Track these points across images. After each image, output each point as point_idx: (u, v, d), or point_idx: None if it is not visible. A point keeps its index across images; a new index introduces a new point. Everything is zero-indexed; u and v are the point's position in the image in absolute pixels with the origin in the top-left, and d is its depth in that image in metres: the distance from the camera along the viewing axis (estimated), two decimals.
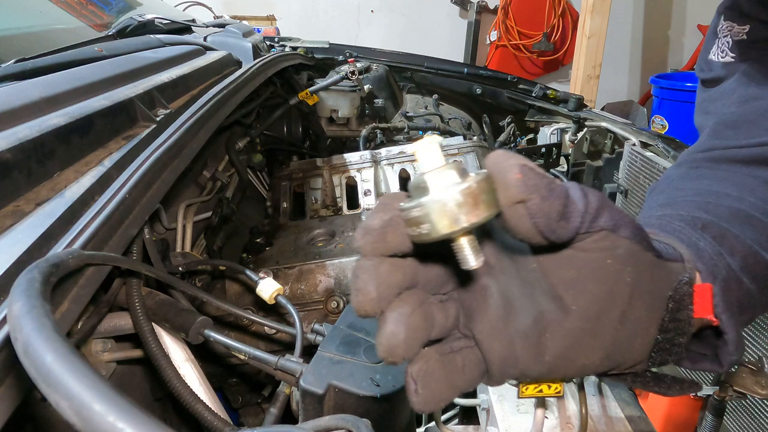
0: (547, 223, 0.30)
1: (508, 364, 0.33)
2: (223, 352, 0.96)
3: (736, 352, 0.37)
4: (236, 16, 3.67)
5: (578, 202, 0.31)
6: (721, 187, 0.47)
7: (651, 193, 0.55)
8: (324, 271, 1.05)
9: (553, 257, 0.34)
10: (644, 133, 1.49)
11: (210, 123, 0.94)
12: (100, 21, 1.44)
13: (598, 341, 0.34)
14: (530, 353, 0.33)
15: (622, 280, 0.33)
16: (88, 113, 0.69)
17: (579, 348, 0.33)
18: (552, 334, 0.33)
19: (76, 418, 0.23)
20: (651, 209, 0.49)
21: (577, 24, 4.12)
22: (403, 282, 0.32)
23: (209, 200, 1.23)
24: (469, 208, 0.28)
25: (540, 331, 0.33)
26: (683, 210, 0.44)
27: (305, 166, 1.56)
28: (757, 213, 0.43)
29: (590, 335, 0.33)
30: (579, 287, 0.33)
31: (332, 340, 0.58)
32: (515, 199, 0.29)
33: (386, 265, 0.31)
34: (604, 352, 0.34)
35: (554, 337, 0.33)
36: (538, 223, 0.30)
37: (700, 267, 0.38)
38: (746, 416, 1.07)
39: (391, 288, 0.31)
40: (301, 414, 0.54)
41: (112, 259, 0.53)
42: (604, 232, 0.32)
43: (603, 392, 0.83)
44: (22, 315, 0.28)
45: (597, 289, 0.33)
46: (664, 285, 0.35)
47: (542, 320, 0.33)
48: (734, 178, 0.48)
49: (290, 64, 1.77)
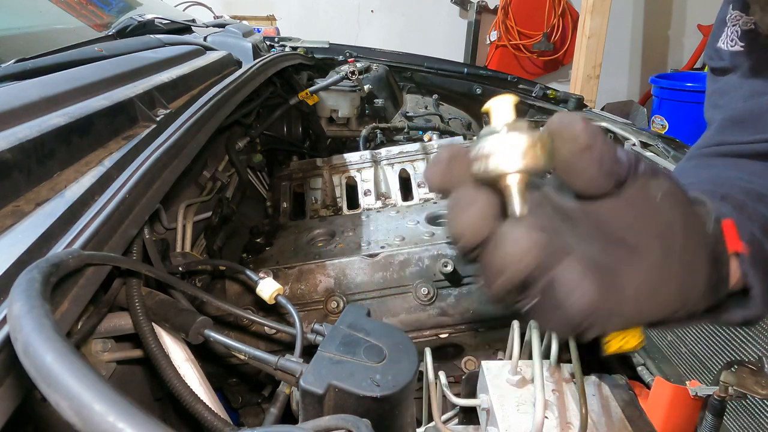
0: (610, 165, 0.33)
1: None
2: (223, 352, 0.96)
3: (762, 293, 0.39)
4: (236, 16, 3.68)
5: (620, 151, 0.34)
6: (732, 173, 0.49)
7: None
8: (324, 271, 1.05)
9: (604, 206, 0.35)
10: (644, 133, 1.49)
11: (210, 123, 0.94)
12: (100, 21, 1.44)
13: (671, 272, 0.35)
14: (613, 295, 0.33)
15: (675, 213, 0.35)
16: (88, 113, 0.69)
17: (655, 283, 0.34)
18: (628, 273, 0.33)
19: (76, 418, 0.23)
20: None
21: (577, 24, 4.12)
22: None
23: (209, 200, 1.23)
24: (532, 154, 0.31)
25: (616, 273, 0.33)
26: (700, 188, 0.45)
27: (305, 166, 1.56)
28: None
29: (662, 268, 0.34)
30: (638, 227, 0.35)
31: (332, 340, 0.58)
32: (583, 146, 0.32)
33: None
34: (677, 285, 0.35)
35: (630, 276, 0.33)
36: (603, 165, 0.33)
37: (726, 213, 0.40)
38: (746, 416, 1.07)
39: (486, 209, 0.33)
40: (301, 414, 0.54)
41: (112, 259, 0.53)
42: (647, 175, 0.35)
43: (603, 392, 0.83)
44: (22, 315, 0.28)
45: (656, 225, 0.35)
46: (702, 222, 0.38)
47: (614, 263, 0.33)
48: (742, 166, 0.50)
49: (290, 64, 1.77)
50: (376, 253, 1.06)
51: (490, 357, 1.08)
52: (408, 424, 0.57)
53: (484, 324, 1.05)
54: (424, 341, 1.04)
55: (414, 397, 0.63)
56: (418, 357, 0.57)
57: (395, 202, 1.42)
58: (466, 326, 1.05)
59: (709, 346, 1.20)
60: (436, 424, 0.82)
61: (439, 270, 1.02)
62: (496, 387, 0.80)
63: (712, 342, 1.18)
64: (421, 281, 1.03)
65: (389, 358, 0.55)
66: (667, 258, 0.34)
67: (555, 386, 0.81)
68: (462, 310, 1.03)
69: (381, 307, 1.03)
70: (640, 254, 0.34)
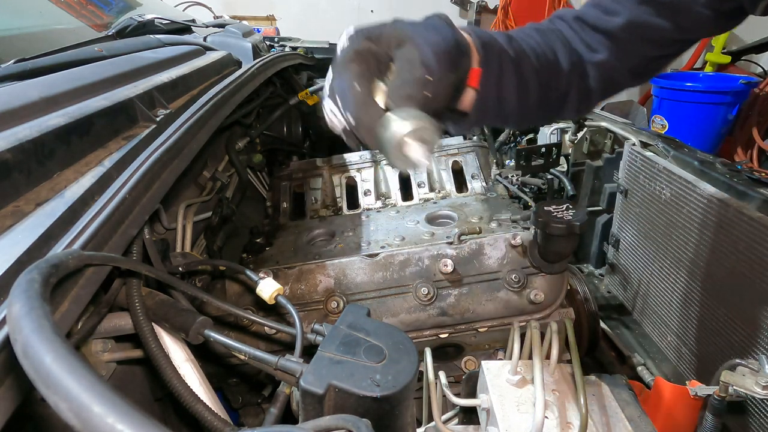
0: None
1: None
2: (223, 352, 0.96)
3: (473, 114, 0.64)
4: (236, 16, 3.68)
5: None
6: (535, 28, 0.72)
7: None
8: (324, 271, 1.05)
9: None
10: (644, 133, 1.49)
11: (210, 123, 0.94)
12: (100, 21, 1.44)
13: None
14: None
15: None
16: (88, 113, 0.69)
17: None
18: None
19: (76, 419, 0.23)
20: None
21: None
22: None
23: (209, 200, 1.23)
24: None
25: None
26: (513, 33, 0.68)
27: (305, 166, 1.56)
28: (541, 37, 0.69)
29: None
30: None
31: (332, 340, 0.58)
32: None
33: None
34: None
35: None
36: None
37: (480, 53, 0.60)
38: (746, 416, 1.07)
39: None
40: (301, 414, 0.54)
41: (112, 260, 0.53)
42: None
43: (603, 392, 0.83)
44: (22, 316, 0.28)
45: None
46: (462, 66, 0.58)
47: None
48: (549, 30, 0.71)
49: (290, 64, 1.77)
50: (376, 253, 1.06)
51: (490, 357, 1.08)
52: (408, 424, 0.56)
53: (484, 324, 1.05)
54: (424, 341, 1.04)
55: (414, 397, 0.63)
56: (418, 357, 0.57)
57: (395, 202, 1.42)
58: (466, 326, 1.05)
59: (709, 346, 1.20)
60: (436, 424, 0.82)
61: (439, 270, 1.02)
62: (496, 387, 0.80)
63: (712, 342, 1.18)
64: (421, 281, 1.03)
65: (389, 358, 0.55)
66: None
67: (555, 386, 0.81)
68: (462, 310, 1.03)
69: (381, 307, 1.03)
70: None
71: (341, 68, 0.54)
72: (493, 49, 0.62)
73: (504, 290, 1.04)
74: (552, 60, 0.68)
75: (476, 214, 1.23)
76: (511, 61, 0.63)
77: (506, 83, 0.64)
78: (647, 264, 1.44)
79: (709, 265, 1.18)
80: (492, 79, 0.62)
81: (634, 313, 1.55)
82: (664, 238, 1.34)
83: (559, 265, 1.01)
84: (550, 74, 0.67)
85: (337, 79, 0.54)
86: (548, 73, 0.67)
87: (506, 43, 0.64)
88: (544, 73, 0.67)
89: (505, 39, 0.65)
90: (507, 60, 0.63)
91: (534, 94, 0.67)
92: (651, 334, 1.46)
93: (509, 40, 0.65)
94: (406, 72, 0.53)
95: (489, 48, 0.62)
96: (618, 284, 1.63)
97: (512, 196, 1.46)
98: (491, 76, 0.62)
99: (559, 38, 0.70)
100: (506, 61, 0.63)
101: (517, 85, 0.64)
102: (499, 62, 0.63)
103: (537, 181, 1.64)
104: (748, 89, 3.48)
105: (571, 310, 1.08)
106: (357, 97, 0.52)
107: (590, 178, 1.73)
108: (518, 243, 1.06)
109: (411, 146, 0.51)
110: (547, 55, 0.67)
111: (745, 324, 1.08)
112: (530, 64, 0.65)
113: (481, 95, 0.62)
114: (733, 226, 1.09)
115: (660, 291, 1.39)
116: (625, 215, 1.55)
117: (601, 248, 1.72)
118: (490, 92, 0.63)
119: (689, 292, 1.26)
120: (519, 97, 0.65)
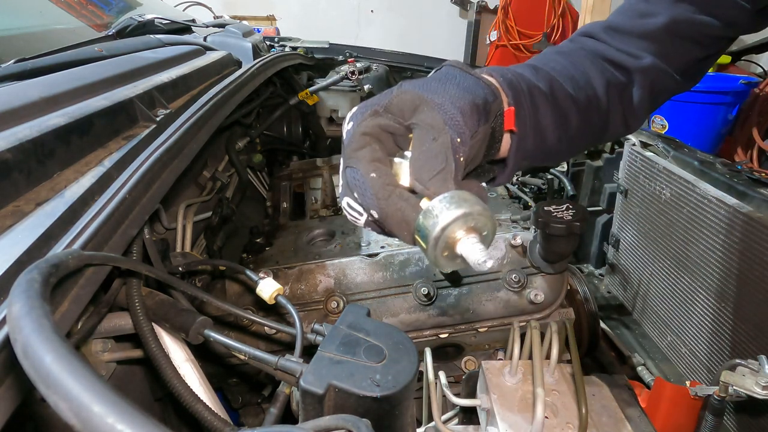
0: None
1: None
2: (223, 352, 0.96)
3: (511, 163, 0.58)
4: (236, 16, 3.68)
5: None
6: (559, 52, 0.67)
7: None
8: (324, 271, 1.05)
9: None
10: (644, 133, 1.49)
11: (210, 123, 0.94)
12: (100, 21, 1.44)
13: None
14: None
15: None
16: (88, 113, 0.69)
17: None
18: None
19: (76, 419, 0.23)
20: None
21: (577, 24, 4.12)
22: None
23: (209, 200, 1.23)
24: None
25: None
26: (536, 61, 0.64)
27: (305, 166, 1.56)
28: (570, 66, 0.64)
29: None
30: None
31: (332, 340, 0.58)
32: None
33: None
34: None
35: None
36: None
37: (508, 94, 0.54)
38: (746, 416, 1.07)
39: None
40: (301, 414, 0.54)
41: (112, 260, 0.53)
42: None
43: (603, 392, 0.83)
44: (22, 316, 0.28)
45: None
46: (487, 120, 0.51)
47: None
48: (573, 50, 0.67)
49: (290, 64, 1.77)
50: (376, 253, 1.06)
51: (490, 357, 1.08)
52: (408, 424, 0.56)
53: (484, 324, 1.05)
54: (424, 341, 1.04)
55: (414, 397, 0.63)
56: (418, 357, 0.57)
57: None
58: (466, 326, 1.05)
59: (709, 346, 1.20)
60: (436, 424, 0.82)
61: (439, 270, 1.02)
62: (496, 387, 0.80)
63: (712, 342, 1.18)
64: (421, 281, 1.03)
65: (389, 358, 0.55)
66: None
67: (555, 386, 0.81)
68: (462, 310, 1.03)
69: (381, 307, 1.03)
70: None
71: (350, 157, 0.45)
72: (520, 85, 0.56)
73: (504, 290, 1.04)
74: (585, 81, 0.63)
75: None
76: (543, 93, 0.58)
77: (542, 117, 0.58)
78: (647, 264, 1.44)
79: (709, 265, 1.18)
80: (527, 117, 0.56)
81: (634, 313, 1.55)
82: (664, 238, 1.34)
83: (559, 265, 1.01)
84: (588, 98, 0.62)
85: (349, 170, 0.45)
86: (585, 98, 0.62)
87: (533, 76, 0.59)
88: (581, 98, 0.61)
89: (531, 71, 0.60)
90: (538, 93, 0.58)
91: (574, 121, 0.61)
92: (651, 334, 1.46)
93: (535, 71, 0.60)
94: (429, 141, 0.44)
95: (516, 85, 0.56)
96: (618, 284, 1.63)
97: (512, 196, 1.46)
98: (525, 114, 0.56)
99: (587, 56, 0.65)
100: (537, 94, 0.58)
101: (553, 117, 0.59)
102: (531, 97, 0.57)
103: (537, 181, 1.64)
104: (748, 89, 3.48)
105: (571, 310, 1.08)
106: (376, 189, 0.43)
107: (590, 178, 1.73)
108: (518, 243, 1.06)
109: (463, 243, 0.39)
110: (578, 77, 0.62)
111: (745, 324, 1.08)
112: (564, 91, 0.60)
113: (519, 136, 0.56)
114: (733, 226, 1.09)
115: (660, 291, 1.39)
116: (625, 215, 1.55)
117: (601, 248, 1.73)
118: (527, 131, 0.56)
119: (689, 292, 1.26)
120: (558, 128, 0.60)
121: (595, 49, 0.66)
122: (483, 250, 0.39)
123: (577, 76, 0.62)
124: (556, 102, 0.59)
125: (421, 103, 0.46)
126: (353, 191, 0.45)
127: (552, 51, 0.67)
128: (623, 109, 0.66)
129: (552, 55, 0.65)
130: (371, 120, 0.46)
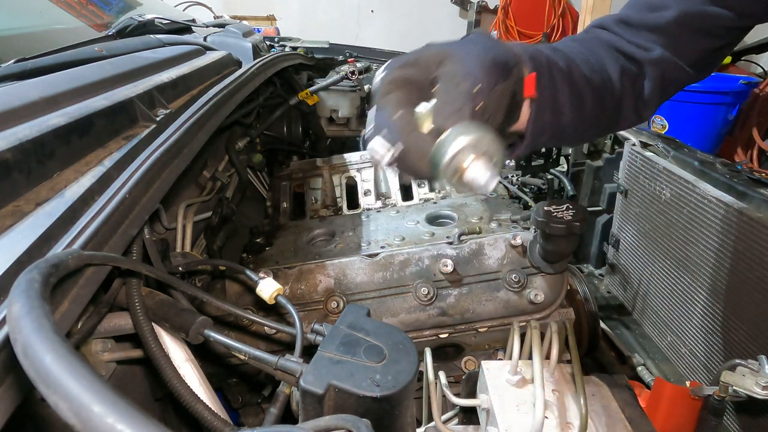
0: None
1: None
2: (223, 352, 0.96)
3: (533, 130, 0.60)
4: (236, 16, 3.68)
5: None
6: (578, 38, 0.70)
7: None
8: (324, 271, 1.05)
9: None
10: (644, 133, 1.49)
11: (210, 123, 0.94)
12: (100, 21, 1.44)
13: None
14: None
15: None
16: (88, 113, 0.69)
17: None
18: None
19: (75, 419, 0.23)
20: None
21: (577, 24, 4.12)
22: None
23: (209, 200, 1.23)
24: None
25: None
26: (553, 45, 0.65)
27: (305, 166, 1.55)
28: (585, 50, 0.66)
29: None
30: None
31: (332, 340, 0.58)
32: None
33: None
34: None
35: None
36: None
37: (529, 64, 0.57)
38: (746, 416, 1.07)
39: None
40: (301, 414, 0.54)
41: (112, 259, 0.53)
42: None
43: (603, 392, 0.83)
44: (22, 316, 0.28)
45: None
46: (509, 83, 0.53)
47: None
48: (588, 39, 0.70)
49: (290, 64, 1.77)
50: (376, 253, 1.06)
51: (490, 357, 1.08)
52: (408, 424, 0.56)
53: (484, 324, 1.05)
54: (424, 341, 1.04)
55: (414, 397, 0.63)
56: (418, 357, 0.57)
57: (395, 202, 1.42)
58: (466, 326, 1.05)
59: (709, 346, 1.20)
60: (436, 424, 0.82)
61: (439, 270, 1.02)
62: (496, 387, 0.80)
63: (712, 342, 1.18)
64: (421, 281, 1.03)
65: (389, 358, 0.55)
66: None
67: (555, 386, 0.81)
68: (462, 310, 1.03)
69: (381, 307, 1.03)
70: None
71: (379, 101, 0.51)
72: (541, 58, 0.58)
73: (504, 290, 1.04)
74: (600, 67, 0.64)
75: (476, 214, 1.23)
76: (561, 70, 0.60)
77: (560, 94, 0.60)
78: (647, 264, 1.44)
79: (709, 265, 1.18)
80: (545, 89, 0.58)
81: (634, 313, 1.55)
82: (664, 238, 1.34)
83: (559, 265, 1.01)
84: (603, 81, 0.64)
85: (378, 113, 0.51)
86: (600, 81, 0.64)
87: (552, 54, 0.61)
88: (595, 80, 0.63)
89: (550, 50, 0.62)
90: (557, 70, 0.60)
91: (589, 103, 0.63)
92: (651, 334, 1.46)
93: (554, 51, 0.62)
94: (450, 88, 0.49)
95: (537, 57, 0.58)
96: (618, 284, 1.63)
97: (512, 196, 1.46)
98: (544, 87, 0.58)
99: (601, 45, 0.67)
100: (556, 70, 0.60)
101: (570, 95, 0.61)
102: (550, 72, 0.59)
103: (537, 181, 1.64)
104: (749, 89, 3.48)
105: (571, 310, 1.08)
106: (402, 124, 0.49)
107: (590, 178, 1.73)
108: (518, 243, 1.05)
109: (473, 164, 0.43)
110: (594, 62, 0.64)
111: (745, 324, 1.08)
112: (580, 73, 0.62)
113: (538, 105, 0.58)
114: (733, 226, 1.09)
115: (660, 291, 1.39)
116: (625, 215, 1.55)
117: (601, 248, 1.73)
118: (545, 105, 0.59)
119: (689, 292, 1.26)
120: (574, 108, 0.62)
121: (608, 39, 0.68)
122: (489, 173, 0.43)
123: (593, 61, 0.64)
124: (572, 80, 0.61)
125: (446, 58, 0.51)
126: (381, 129, 0.50)
127: (568, 39, 0.70)
128: (635, 96, 0.68)
129: (568, 42, 0.68)
130: (399, 71, 0.52)
